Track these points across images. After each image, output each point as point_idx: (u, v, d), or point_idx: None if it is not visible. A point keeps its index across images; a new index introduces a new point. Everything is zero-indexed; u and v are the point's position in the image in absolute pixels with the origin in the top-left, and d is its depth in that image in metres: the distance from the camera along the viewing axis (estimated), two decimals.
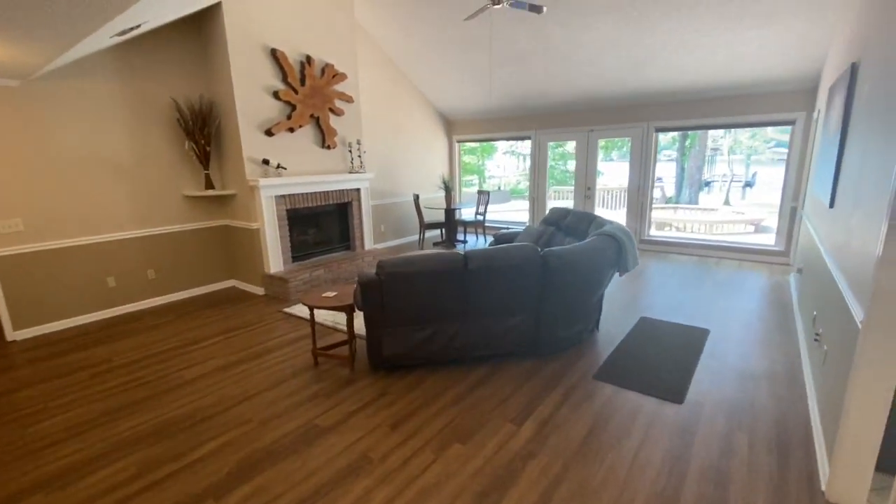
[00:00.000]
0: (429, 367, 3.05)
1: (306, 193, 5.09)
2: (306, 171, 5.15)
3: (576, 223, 4.32)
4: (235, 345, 3.57)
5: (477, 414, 2.51)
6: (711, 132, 15.31)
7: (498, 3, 3.98)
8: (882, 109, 1.91)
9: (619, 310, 4.11)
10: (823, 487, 1.89)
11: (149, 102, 4.32)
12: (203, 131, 4.56)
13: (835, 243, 2.56)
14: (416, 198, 6.91)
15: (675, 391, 2.68)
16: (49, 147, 3.78)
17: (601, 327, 3.72)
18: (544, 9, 3.99)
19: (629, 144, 6.73)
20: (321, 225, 5.66)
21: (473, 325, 2.87)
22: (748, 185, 16.59)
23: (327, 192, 5.34)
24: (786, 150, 5.65)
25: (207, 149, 4.64)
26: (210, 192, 4.68)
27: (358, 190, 5.70)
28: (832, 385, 2.12)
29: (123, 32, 3.17)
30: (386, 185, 7.10)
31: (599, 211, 7.61)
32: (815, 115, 4.95)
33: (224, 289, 5.13)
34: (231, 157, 4.69)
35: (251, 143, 4.58)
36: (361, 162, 5.67)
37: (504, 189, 18.75)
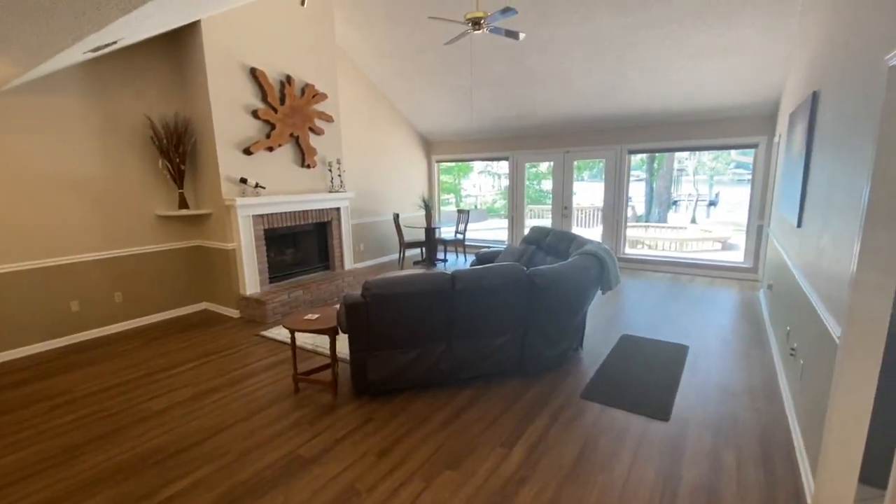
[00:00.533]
0: (414, 390, 2.98)
1: (285, 213, 5.00)
2: (285, 191, 5.06)
3: (556, 242, 4.38)
4: (209, 371, 3.40)
5: (466, 438, 2.46)
6: (677, 154, 16.03)
7: (478, 29, 4.09)
8: (846, 136, 2.03)
9: (602, 327, 4.16)
10: (809, 501, 1.92)
11: (121, 119, 4.19)
12: (178, 150, 4.44)
13: (805, 261, 2.67)
14: (396, 217, 6.89)
15: (660, 409, 2.70)
16: (10, 164, 3.59)
17: (585, 345, 3.75)
18: (521, 35, 4.12)
19: (602, 165, 6.94)
20: (300, 244, 5.55)
21: (460, 347, 2.83)
22: (712, 204, 17.35)
23: (306, 211, 5.26)
24: (745, 171, 5.97)
25: (182, 167, 4.51)
26: (184, 212, 4.53)
27: (338, 209, 5.63)
28: (810, 398, 2.18)
29: (98, 49, 3.08)
30: (365, 204, 7.06)
31: (575, 229, 7.77)
32: (775, 139, 5.24)
33: (196, 312, 4.92)
34: (207, 176, 4.57)
35: (229, 162, 4.48)
36: (341, 181, 5.63)
37: (481, 208, 18.97)
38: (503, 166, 7.85)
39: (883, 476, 1.94)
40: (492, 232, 11.94)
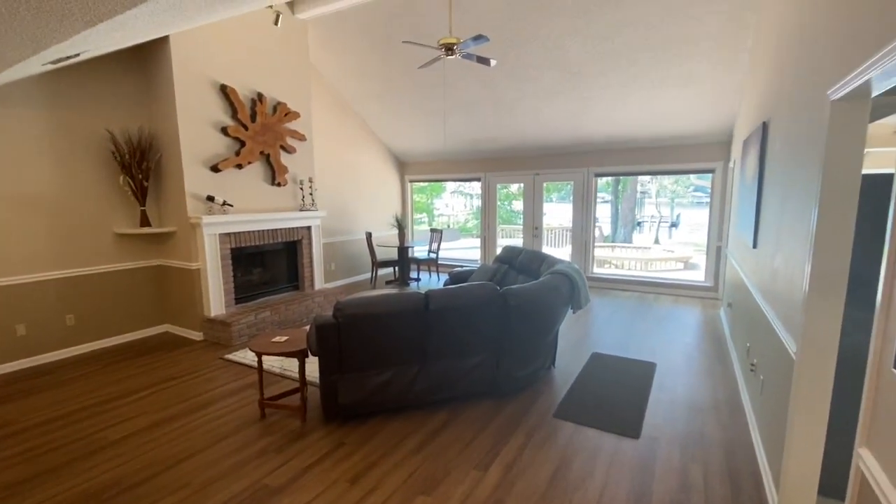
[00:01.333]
0: (387, 413, 2.91)
1: (253, 231, 4.88)
2: (254, 209, 4.95)
3: (528, 262, 4.45)
4: (169, 398, 3.23)
5: (441, 462, 2.41)
6: (640, 177, 16.75)
7: (451, 55, 4.20)
8: (793, 164, 2.18)
9: (573, 346, 4.22)
10: None
11: (80, 133, 4.02)
12: (141, 165, 4.28)
13: (761, 280, 2.82)
14: (369, 236, 6.84)
15: (631, 426, 2.75)
16: None
17: (557, 363, 3.78)
18: (493, 62, 4.25)
19: (570, 187, 7.15)
20: (268, 264, 5.41)
21: (433, 368, 2.81)
22: (674, 225, 18.13)
23: (276, 229, 5.15)
24: (703, 195, 6.29)
25: (145, 184, 4.35)
26: (145, 230, 4.35)
27: (308, 228, 5.55)
28: (770, 412, 2.27)
29: (58, 61, 2.98)
30: (338, 223, 6.99)
31: (546, 249, 7.94)
32: (730, 164, 5.56)
33: (156, 335, 4.68)
34: (172, 193, 4.42)
35: (195, 179, 4.36)
36: (313, 200, 5.56)
37: (453, 228, 19.11)
38: (475, 186, 7.96)
39: (840, 488, 2.03)
40: (464, 251, 12.03)
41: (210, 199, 4.44)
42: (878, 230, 1.90)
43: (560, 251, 12.12)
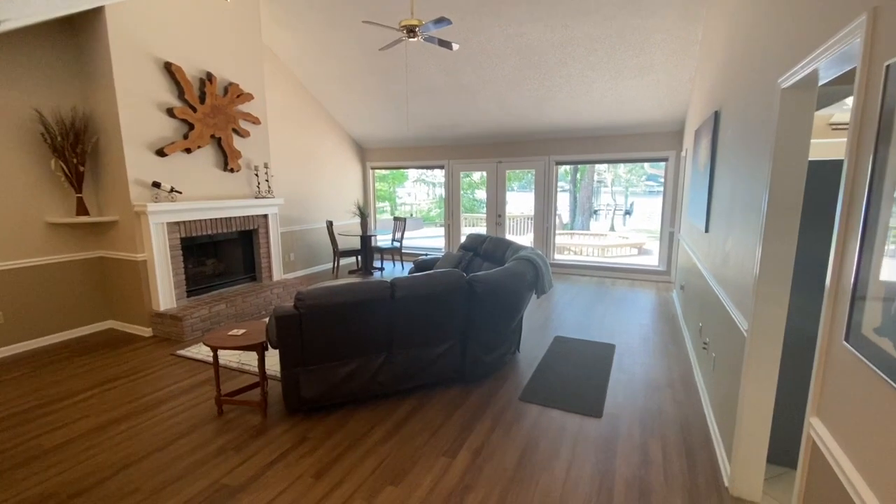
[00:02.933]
0: (352, 405, 2.85)
1: (205, 220, 4.61)
2: (206, 196, 4.67)
3: (493, 249, 4.46)
4: (115, 398, 3.01)
5: (408, 450, 2.39)
6: (597, 167, 17.25)
7: (412, 37, 4.09)
8: (744, 152, 2.28)
9: (536, 330, 4.29)
10: (727, 483, 2.09)
11: (4, 113, 3.62)
12: (76, 149, 3.92)
13: (713, 263, 2.96)
14: (330, 224, 6.65)
15: (593, 406, 2.83)
16: None
17: (521, 348, 3.84)
18: (455, 45, 4.19)
19: (532, 176, 7.24)
20: (223, 254, 5.15)
21: (400, 357, 2.76)
22: (627, 213, 18.87)
23: (230, 218, 4.89)
24: (654, 183, 6.54)
25: (81, 169, 3.99)
26: (83, 219, 4.00)
27: (265, 216, 5.31)
28: (722, 387, 2.39)
29: None
30: (296, 211, 6.74)
31: (508, 237, 8.06)
32: (682, 153, 5.80)
33: (100, 332, 4.36)
34: (112, 179, 4.09)
35: (138, 164, 4.05)
36: (269, 186, 5.32)
37: (416, 216, 18.98)
38: (438, 175, 7.90)
39: (787, 455, 2.17)
40: (428, 240, 11.99)
41: (156, 185, 4.14)
42: (819, 216, 2.02)
43: (522, 239, 12.32)
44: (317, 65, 6.10)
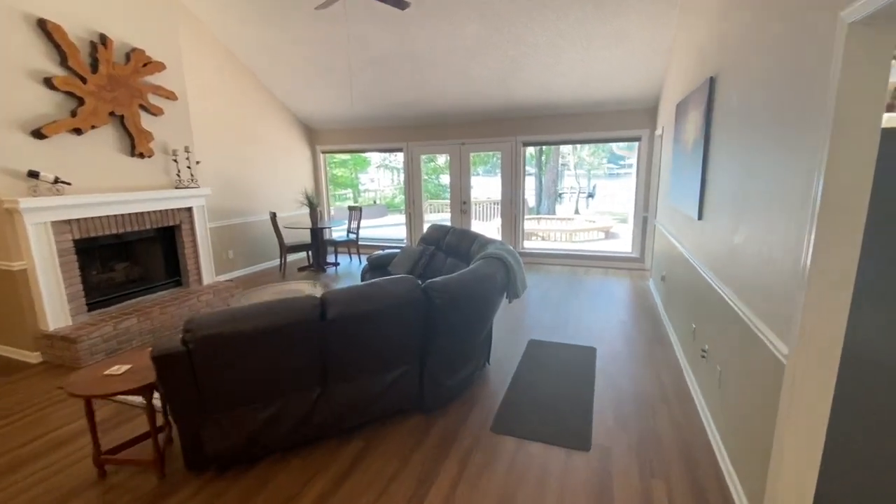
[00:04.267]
0: (280, 455, 2.24)
1: (110, 217, 3.80)
2: (109, 188, 3.84)
3: (457, 242, 3.91)
4: None
5: None
6: (562, 149, 16.98)
7: None
8: (768, 122, 1.79)
9: (508, 333, 3.79)
10: None
11: None
12: None
13: (712, 256, 2.51)
14: (273, 216, 5.89)
15: (580, 435, 2.35)
16: None
17: (492, 356, 3.33)
18: (409, 2, 3.53)
19: (498, 159, 6.70)
20: (138, 257, 4.33)
21: (339, 390, 2.17)
22: (590, 195, 18.85)
23: (143, 213, 4.09)
24: (615, 166, 6.14)
25: None
26: None
27: (189, 209, 4.51)
28: (736, 411, 1.95)
29: None
30: (236, 202, 5.92)
31: (475, 223, 7.53)
32: (657, 131, 5.40)
33: None
34: None
35: (6, 148, 3.19)
36: (192, 174, 4.51)
37: (380, 203, 18.14)
38: (402, 159, 7.21)
39: None
40: (392, 229, 11.33)
41: (33, 175, 3.30)
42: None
43: (489, 225, 11.86)
44: (245, 29, 5.24)
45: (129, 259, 4.27)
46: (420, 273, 4.11)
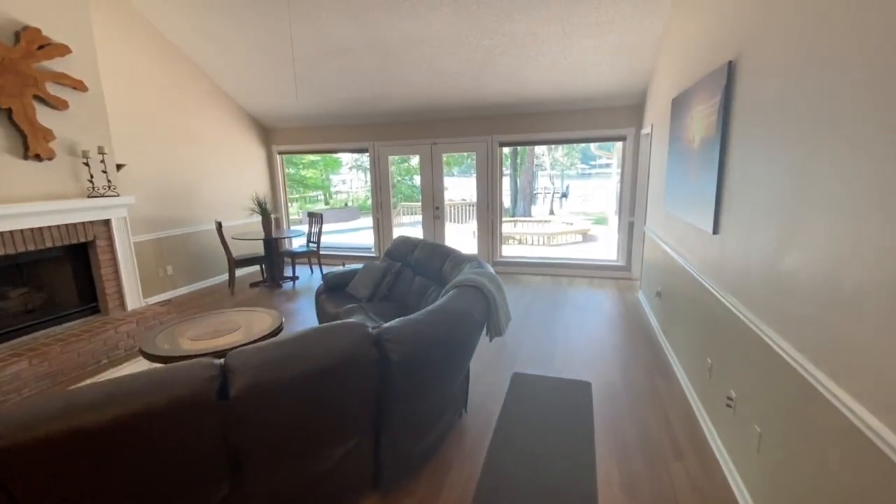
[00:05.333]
0: None
1: None
2: None
3: (426, 259, 3.35)
4: None
5: None
6: (537, 149, 16.67)
7: None
8: (841, 107, 1.29)
9: (488, 365, 3.24)
10: None
11: None
12: None
13: (739, 282, 2.03)
14: (219, 226, 5.17)
15: None
16: None
17: (470, 396, 2.77)
18: None
19: (472, 160, 6.17)
20: (40, 281, 3.58)
21: (259, 484, 1.56)
22: (564, 196, 18.69)
23: (45, 228, 3.35)
24: (586, 166, 5.72)
25: None
26: None
27: (107, 222, 3.78)
28: (790, 494, 1.46)
29: None
30: (173, 210, 5.17)
31: (449, 228, 6.98)
32: (644, 130, 4.98)
33: None
34: None
35: None
36: (110, 180, 3.78)
37: (352, 206, 17.35)
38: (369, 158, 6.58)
39: None
40: (365, 233, 10.67)
41: None
42: None
43: (465, 228, 11.35)
44: (183, 13, 4.52)
45: (28, 284, 3.51)
46: (384, 295, 3.52)
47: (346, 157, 17.95)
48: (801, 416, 1.45)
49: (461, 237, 9.55)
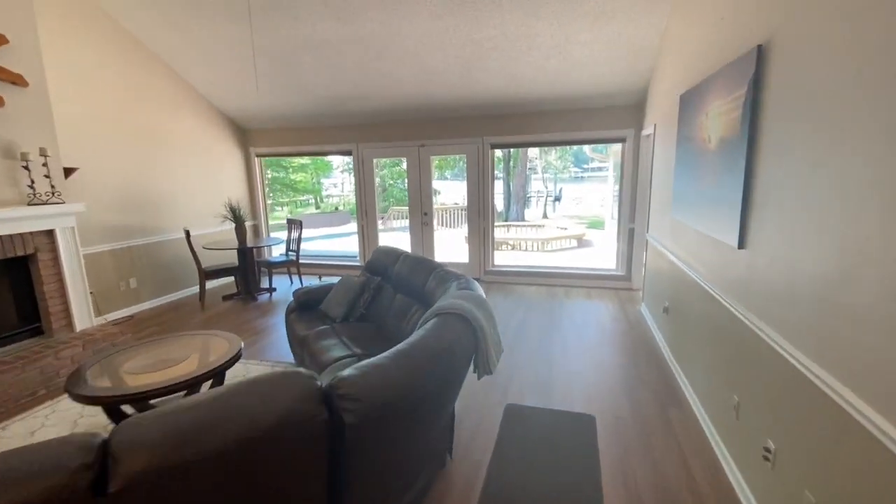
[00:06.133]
0: None
1: None
2: None
3: (409, 274, 2.98)
4: None
5: None
6: (530, 152, 16.37)
7: None
8: None
9: (475, 398, 2.86)
10: None
11: None
12: None
13: (778, 309, 1.68)
14: (188, 235, 4.76)
15: None
16: None
17: (457, 436, 2.40)
18: None
19: (463, 163, 5.82)
20: None
21: None
22: (557, 199, 18.46)
23: None
24: (578, 170, 5.40)
25: None
26: None
27: (50, 233, 3.37)
28: None
29: None
30: (137, 217, 4.76)
31: (440, 234, 6.61)
32: (645, 131, 4.66)
33: None
34: None
35: None
36: (53, 186, 3.37)
37: (343, 210, 16.90)
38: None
39: None
40: (350, 239, 10.29)
41: None
42: None
43: (456, 233, 11.01)
44: (143, 4, 4.12)
45: None
46: (360, 314, 3.14)
47: (336, 160, 17.50)
48: (850, 469, 1.10)
49: (453, 243, 9.20)
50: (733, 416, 2.06)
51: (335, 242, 10.91)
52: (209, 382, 2.40)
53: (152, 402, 2.19)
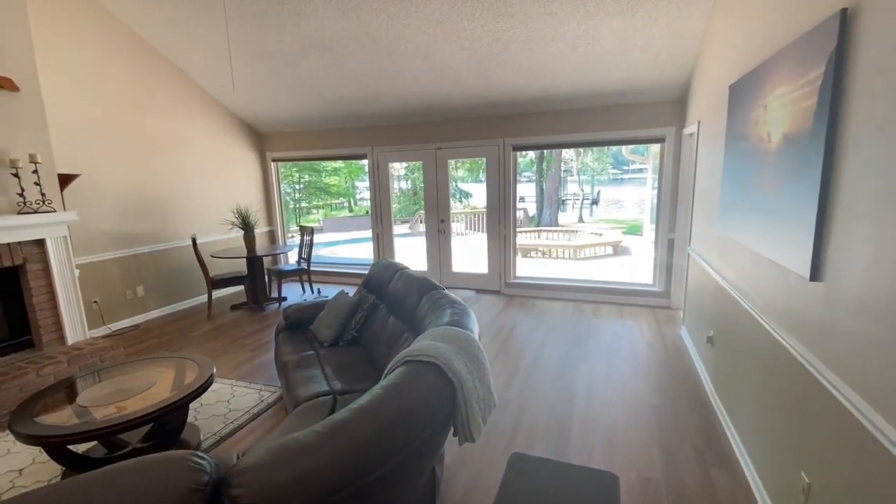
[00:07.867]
0: None
1: None
2: None
3: (403, 293, 2.62)
4: None
5: None
6: (564, 154, 15.69)
7: None
8: None
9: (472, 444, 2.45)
10: None
11: None
12: None
13: (867, 366, 1.20)
14: (195, 242, 4.61)
15: None
16: None
17: (450, 495, 2.01)
18: None
19: (484, 165, 5.42)
20: None
21: None
22: (594, 202, 17.63)
23: None
24: (618, 171, 4.84)
25: None
26: None
27: (41, 243, 3.24)
28: None
29: None
30: (145, 224, 4.66)
31: (457, 242, 6.20)
32: (688, 129, 4.09)
33: None
34: None
35: None
36: (44, 194, 3.24)
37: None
38: (398, 164, 5.89)
39: None
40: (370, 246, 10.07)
41: None
42: None
43: (477, 239, 10.58)
44: (151, 9, 3.99)
45: None
46: (351, 337, 2.81)
47: (366, 163, 17.49)
48: None
49: (480, 248, 8.80)
50: (800, 500, 1.56)
51: (361, 247, 10.73)
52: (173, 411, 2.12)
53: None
